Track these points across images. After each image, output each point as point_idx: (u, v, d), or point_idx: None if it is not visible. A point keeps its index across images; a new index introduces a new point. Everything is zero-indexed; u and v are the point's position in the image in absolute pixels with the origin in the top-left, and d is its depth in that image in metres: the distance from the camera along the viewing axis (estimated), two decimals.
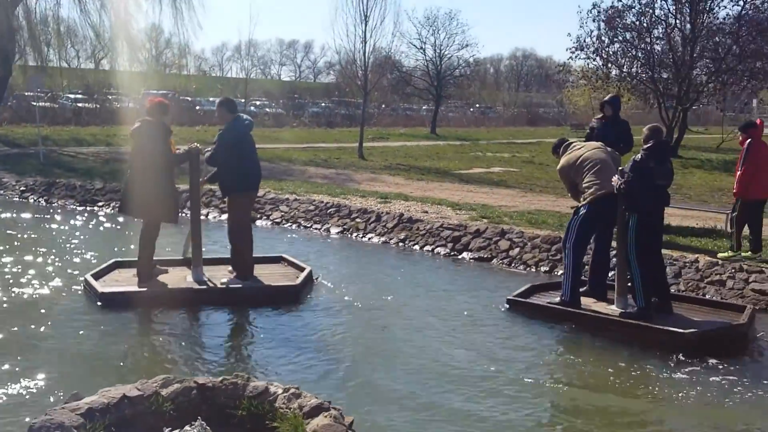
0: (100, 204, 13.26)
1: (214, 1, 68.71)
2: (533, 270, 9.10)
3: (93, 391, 3.92)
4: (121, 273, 8.04)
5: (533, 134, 38.47)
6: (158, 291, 7.41)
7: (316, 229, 11.51)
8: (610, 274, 7.75)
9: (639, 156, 6.79)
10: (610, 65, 27.84)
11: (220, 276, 7.86)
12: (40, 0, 23.50)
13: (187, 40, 25.62)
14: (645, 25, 26.22)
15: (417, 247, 10.27)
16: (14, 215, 12.15)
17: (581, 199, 7.23)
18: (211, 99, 42.75)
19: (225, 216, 10.28)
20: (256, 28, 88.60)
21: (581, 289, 7.39)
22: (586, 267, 7.84)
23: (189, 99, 41.04)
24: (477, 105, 60.61)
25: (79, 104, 35.28)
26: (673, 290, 7.82)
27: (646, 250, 6.86)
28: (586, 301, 7.36)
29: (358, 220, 11.38)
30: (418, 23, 37.79)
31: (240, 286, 7.64)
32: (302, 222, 11.79)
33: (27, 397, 5.00)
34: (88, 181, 14.48)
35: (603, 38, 27.15)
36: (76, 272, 8.30)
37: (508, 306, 7.36)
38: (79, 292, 7.59)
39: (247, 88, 40.77)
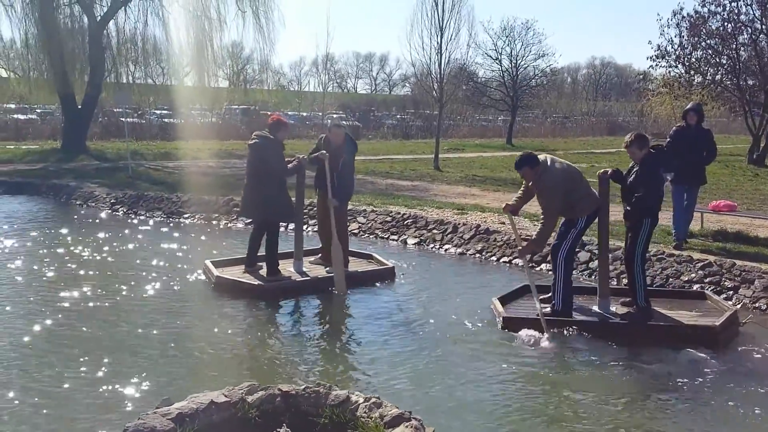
0: (185, 216, 13.70)
1: (293, 17, 70.44)
2: (614, 282, 8.93)
3: (185, 392, 4.10)
4: (226, 270, 8.81)
5: (612, 144, 37.57)
6: (307, 280, 8.64)
7: (393, 240, 11.60)
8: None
9: (643, 171, 6.95)
10: (692, 73, 27.10)
11: (308, 268, 9.01)
12: (128, 20, 24.50)
13: (267, 56, 26.08)
14: (730, 31, 25.42)
15: (494, 258, 10.23)
16: (106, 226, 12.68)
17: (572, 214, 7.17)
18: (289, 113, 43.58)
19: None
20: (332, 42, 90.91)
21: (546, 296, 7.49)
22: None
23: (269, 113, 41.89)
24: (554, 115, 59.80)
25: (165, 119, 36.53)
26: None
27: (647, 252, 7.27)
28: None
29: (434, 231, 11.41)
30: (494, 34, 37.35)
31: (351, 271, 8.91)
32: (379, 233, 11.90)
33: (125, 394, 5.28)
34: (174, 194, 14.97)
35: (685, 45, 26.47)
36: (164, 276, 8.84)
37: (502, 325, 7.11)
38: (171, 295, 8.18)
39: (324, 102, 41.36)
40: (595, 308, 7.36)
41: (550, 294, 7.40)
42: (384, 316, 7.58)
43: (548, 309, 7.22)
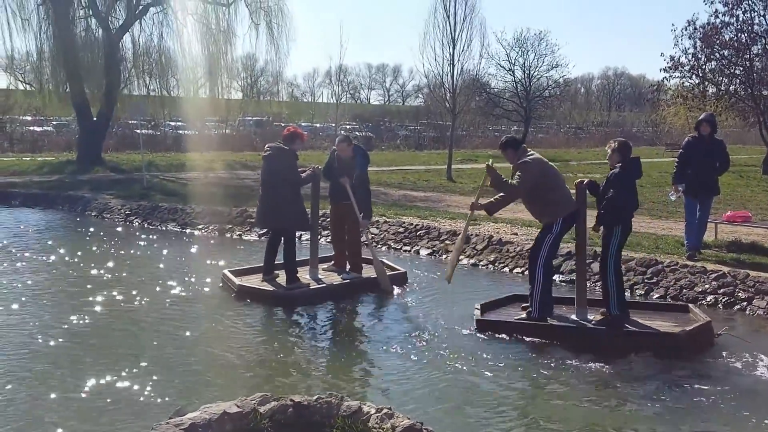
0: (199, 227, 13.78)
1: (306, 29, 70.83)
2: (628, 293, 8.90)
3: (199, 402, 4.13)
4: (245, 279, 8.94)
5: None
6: (325, 287, 8.80)
7: (405, 250, 11.62)
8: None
9: (618, 172, 7.02)
10: (706, 83, 27.02)
11: (323, 275, 9.21)
12: (143, 32, 24.72)
13: (280, 68, 26.26)
14: (743, 41, 25.34)
15: (507, 269, 10.22)
16: (121, 237, 12.77)
17: (548, 214, 7.28)
18: (302, 124, 43.76)
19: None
20: (345, 54, 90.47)
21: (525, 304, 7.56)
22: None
23: (282, 124, 42.11)
24: (567, 125, 59.67)
25: (179, 131, 36.75)
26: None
27: (620, 261, 7.24)
28: None
29: (447, 242, 11.41)
30: (507, 45, 37.36)
31: (365, 277, 9.22)
32: (392, 244, 11.92)
33: (140, 403, 5.32)
34: (188, 205, 15.06)
35: (699, 56, 26.40)
36: (180, 287, 8.95)
37: (475, 327, 7.30)
38: (188, 305, 8.28)
39: (337, 113, 41.48)
40: (573, 317, 7.40)
41: (528, 303, 7.45)
42: (397, 324, 7.66)
43: (524, 316, 7.38)
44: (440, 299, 8.63)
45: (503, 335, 7.14)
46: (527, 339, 7.03)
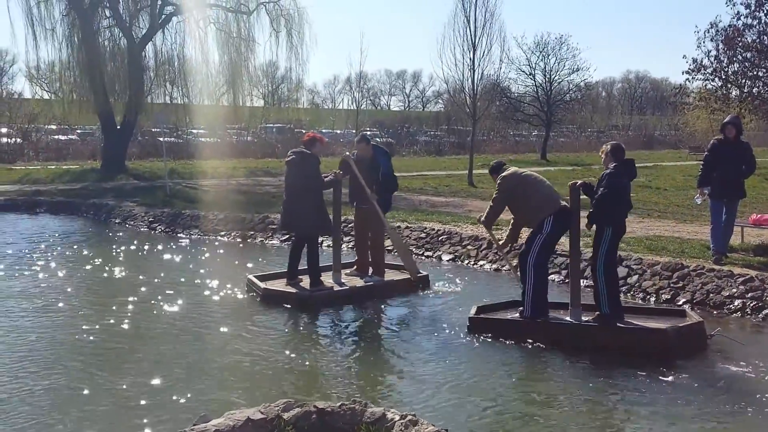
0: (222, 234, 13.85)
1: (326, 36, 70.94)
2: (653, 298, 8.83)
3: (223, 408, 4.14)
4: (269, 284, 9.03)
5: (649, 158, 37.12)
6: (349, 289, 8.94)
7: (427, 256, 11.59)
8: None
9: (609, 172, 7.03)
10: (729, 86, 26.77)
11: (345, 279, 9.28)
12: (165, 41, 24.97)
13: (300, 75, 26.42)
14: (766, 43, 25.09)
15: None
16: (145, 244, 12.87)
17: (534, 215, 7.34)
18: (323, 130, 43.87)
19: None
20: (365, 61, 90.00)
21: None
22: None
23: (303, 131, 42.23)
24: (589, 129, 59.31)
25: (202, 138, 36.98)
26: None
27: (613, 261, 7.25)
28: None
29: (469, 247, 11.37)
30: (528, 49, 37.04)
31: (387, 280, 9.38)
32: (413, 249, 11.87)
33: (165, 409, 5.33)
34: (210, 212, 15.14)
35: (722, 58, 26.19)
36: (205, 292, 9.09)
37: (468, 326, 7.39)
38: (213, 309, 8.36)
39: (357, 119, 41.58)
40: (567, 318, 7.37)
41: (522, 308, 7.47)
42: (420, 328, 7.68)
43: (516, 315, 7.41)
44: (462, 304, 8.58)
45: (494, 334, 7.20)
46: (517, 338, 7.08)
